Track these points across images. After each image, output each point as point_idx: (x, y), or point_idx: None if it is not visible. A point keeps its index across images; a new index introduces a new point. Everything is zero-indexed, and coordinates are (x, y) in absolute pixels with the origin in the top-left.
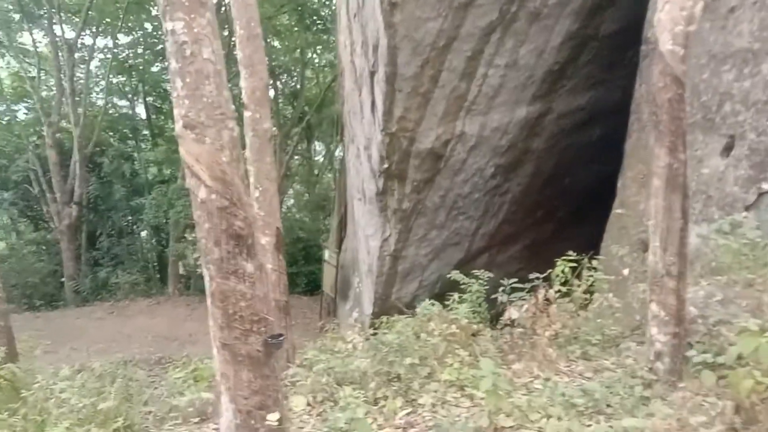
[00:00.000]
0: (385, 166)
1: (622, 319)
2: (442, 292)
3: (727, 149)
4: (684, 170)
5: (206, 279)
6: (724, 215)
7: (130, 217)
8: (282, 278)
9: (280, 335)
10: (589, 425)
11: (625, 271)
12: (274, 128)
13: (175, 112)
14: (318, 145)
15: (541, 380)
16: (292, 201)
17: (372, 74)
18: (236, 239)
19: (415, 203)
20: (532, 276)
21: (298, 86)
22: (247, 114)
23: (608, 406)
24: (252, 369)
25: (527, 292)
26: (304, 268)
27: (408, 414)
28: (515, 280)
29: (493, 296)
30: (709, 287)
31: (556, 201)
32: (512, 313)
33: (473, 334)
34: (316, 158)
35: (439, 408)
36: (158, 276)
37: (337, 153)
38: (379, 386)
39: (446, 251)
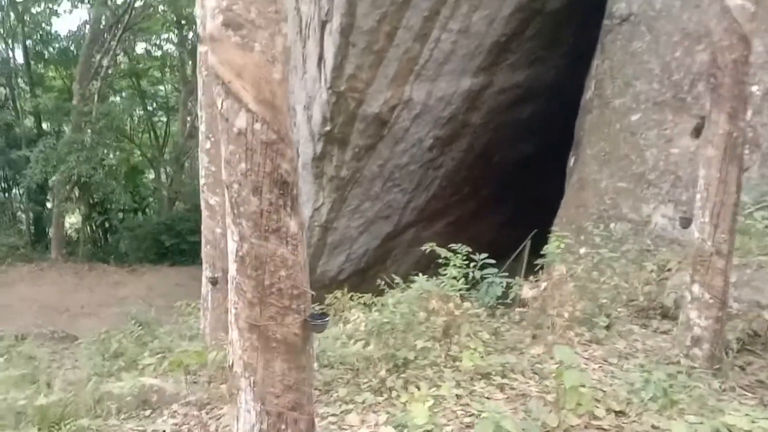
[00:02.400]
0: (327, 128)
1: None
2: (367, 267)
3: (697, 130)
4: (743, 140)
5: (232, 239)
6: (692, 196)
7: (2, 173)
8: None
9: (324, 314)
10: (669, 421)
11: (582, 250)
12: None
13: (210, 3)
14: None
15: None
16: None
17: (324, 24)
18: (281, 187)
19: (354, 171)
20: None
21: None
22: (202, 49)
23: (664, 397)
24: (287, 358)
25: (538, 270)
26: None
27: (432, 407)
28: (486, 255)
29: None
30: None
31: (482, 179)
32: (526, 292)
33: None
34: None
35: (468, 400)
36: (33, 239)
37: None
38: (388, 374)
39: (376, 224)
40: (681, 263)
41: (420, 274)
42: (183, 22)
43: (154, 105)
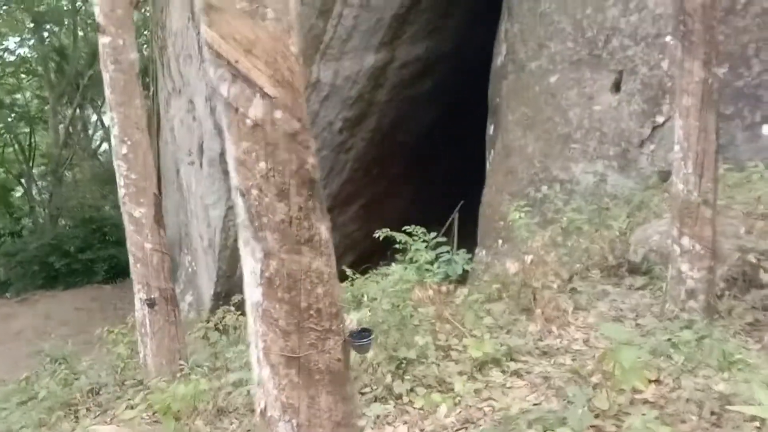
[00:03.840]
0: None
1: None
2: None
3: (616, 85)
4: (718, 86)
5: (252, 258)
6: (619, 151)
7: None
8: (166, 260)
9: (366, 330)
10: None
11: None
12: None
13: None
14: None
15: (567, 340)
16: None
17: None
18: (310, 186)
19: None
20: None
21: (66, 41)
22: (104, 40)
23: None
24: (333, 390)
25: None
26: (103, 252)
27: (452, 410)
28: (436, 234)
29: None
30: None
31: (390, 158)
32: (510, 266)
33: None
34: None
35: (489, 393)
36: None
37: None
38: (392, 378)
39: None
40: (630, 218)
41: (393, 262)
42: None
43: (13, 116)
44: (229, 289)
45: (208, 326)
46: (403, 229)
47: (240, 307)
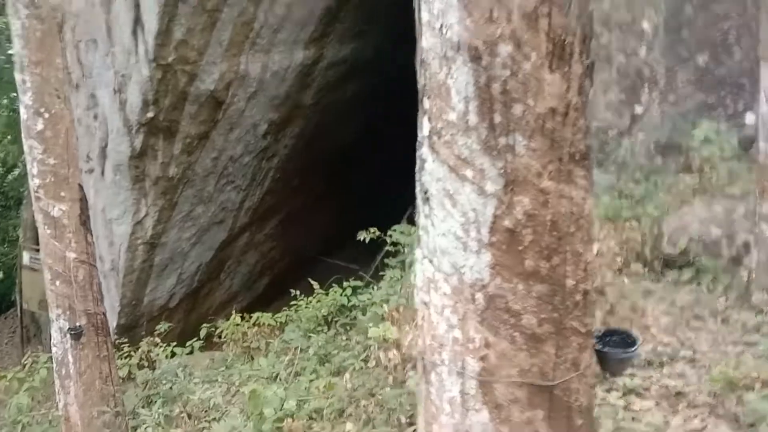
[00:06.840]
0: (150, 114)
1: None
2: (200, 285)
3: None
4: None
5: (468, 193)
6: (596, 144)
7: None
8: (95, 275)
9: (617, 332)
10: None
11: None
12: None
13: None
14: None
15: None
16: None
17: None
18: (587, 51)
19: (185, 168)
20: None
21: None
22: None
23: None
24: None
25: None
26: None
27: None
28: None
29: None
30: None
31: (312, 168)
32: None
33: None
34: None
35: (610, 422)
36: None
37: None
38: None
39: (210, 232)
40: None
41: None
42: None
43: None
44: (134, 320)
45: (130, 363)
46: (394, 228)
47: (166, 337)
